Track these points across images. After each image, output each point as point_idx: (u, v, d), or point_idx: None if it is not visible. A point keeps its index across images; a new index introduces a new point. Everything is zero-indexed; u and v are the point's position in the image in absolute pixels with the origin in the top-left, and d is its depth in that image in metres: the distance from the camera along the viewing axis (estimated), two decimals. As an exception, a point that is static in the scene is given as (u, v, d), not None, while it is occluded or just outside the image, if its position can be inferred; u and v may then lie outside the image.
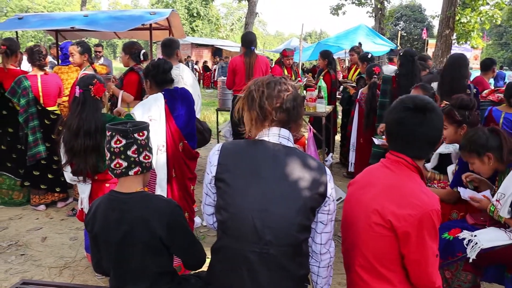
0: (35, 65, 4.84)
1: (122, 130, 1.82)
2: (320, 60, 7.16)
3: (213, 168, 1.84)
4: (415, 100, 1.82)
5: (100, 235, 1.84)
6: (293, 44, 18.50)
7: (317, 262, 1.92)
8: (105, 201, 1.89)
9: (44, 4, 51.81)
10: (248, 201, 1.74)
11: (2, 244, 4.09)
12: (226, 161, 1.82)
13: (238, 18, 54.24)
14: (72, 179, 3.23)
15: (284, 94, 1.80)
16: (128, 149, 1.82)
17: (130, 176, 1.88)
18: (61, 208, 5.05)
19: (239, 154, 1.83)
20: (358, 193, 1.93)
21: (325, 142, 6.28)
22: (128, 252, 1.80)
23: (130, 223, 1.79)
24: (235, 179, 1.78)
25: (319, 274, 1.94)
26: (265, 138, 1.82)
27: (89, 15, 6.34)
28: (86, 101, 3.06)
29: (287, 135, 1.84)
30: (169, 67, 3.30)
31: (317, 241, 1.87)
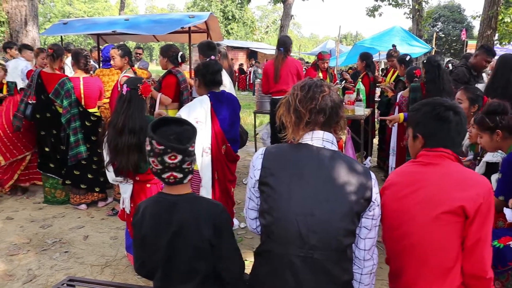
0: (80, 68, 4.97)
1: (181, 149, 1.74)
2: (359, 62, 7.09)
3: (256, 172, 1.84)
4: (447, 102, 1.92)
5: (148, 236, 1.84)
6: (329, 47, 18.37)
7: (360, 269, 1.88)
8: (153, 202, 1.89)
9: (85, 9, 53.37)
10: (292, 205, 1.73)
11: (47, 241, 4.22)
12: (269, 165, 1.82)
13: (273, 21, 54.35)
14: (115, 180, 3.29)
15: (319, 95, 1.79)
16: (184, 163, 1.77)
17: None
18: (101, 207, 5.16)
19: (283, 158, 1.82)
20: (400, 195, 1.92)
21: (363, 146, 6.19)
22: (177, 254, 1.80)
23: (179, 224, 1.79)
24: (279, 183, 1.77)
25: (361, 281, 1.91)
26: (309, 142, 1.81)
27: (130, 19, 6.49)
28: (132, 99, 3.12)
29: (331, 138, 1.83)
30: (218, 69, 3.33)
31: (360, 246, 1.85)
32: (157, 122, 1.81)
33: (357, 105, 6.07)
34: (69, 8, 52.80)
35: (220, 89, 3.42)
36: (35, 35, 9.14)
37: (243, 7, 40.89)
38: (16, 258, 3.88)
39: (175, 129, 1.79)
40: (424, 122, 1.94)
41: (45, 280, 3.50)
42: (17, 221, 4.76)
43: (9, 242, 4.20)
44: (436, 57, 4.95)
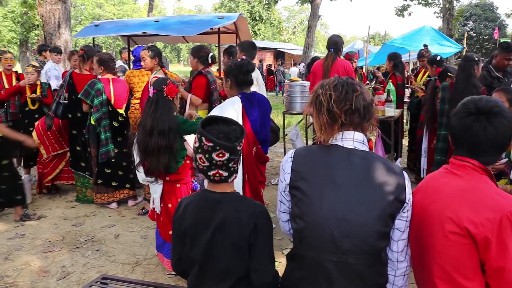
0: (108, 70, 5.07)
1: (229, 147, 1.75)
2: (387, 62, 6.99)
3: (287, 176, 1.80)
4: (478, 104, 1.72)
5: (189, 232, 1.85)
6: (357, 47, 18.17)
7: (393, 271, 1.83)
8: (196, 199, 1.90)
9: (114, 11, 54.44)
10: (324, 209, 1.69)
11: (79, 239, 4.30)
12: (300, 168, 1.77)
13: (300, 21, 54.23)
14: (145, 180, 3.33)
15: (353, 95, 1.72)
16: (230, 161, 1.79)
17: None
18: (131, 206, 5.24)
19: (313, 161, 1.78)
20: (424, 203, 1.83)
21: (393, 147, 6.10)
22: (217, 251, 1.80)
23: (221, 222, 1.78)
24: (310, 187, 1.73)
25: (394, 283, 1.85)
26: (339, 143, 1.76)
27: (160, 20, 6.57)
28: (159, 101, 3.16)
29: (362, 138, 1.76)
30: (252, 69, 3.33)
31: (394, 248, 1.79)
32: (207, 120, 1.84)
33: (388, 105, 5.98)
34: (99, 10, 53.93)
35: (251, 89, 3.42)
36: (68, 37, 9.36)
37: (270, 7, 40.89)
38: (50, 255, 3.98)
39: (224, 128, 1.80)
40: (453, 124, 1.78)
41: (78, 277, 3.57)
42: (51, 219, 4.87)
43: (44, 239, 4.31)
44: (473, 55, 4.83)
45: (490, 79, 5.27)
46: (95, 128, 5.02)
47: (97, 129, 5.00)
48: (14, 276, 3.61)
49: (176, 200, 3.32)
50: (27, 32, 25.33)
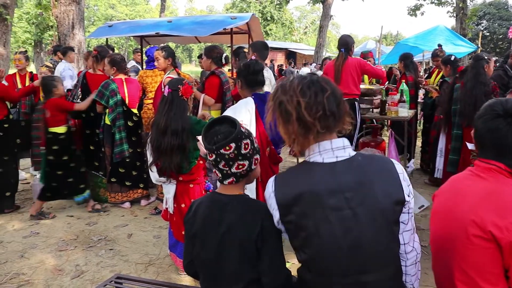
0: (121, 71, 5.11)
1: (207, 148, 1.81)
2: (399, 63, 6.99)
3: (275, 213, 1.67)
4: (505, 106, 1.69)
5: (199, 234, 1.85)
6: (369, 47, 18.05)
7: (404, 261, 1.74)
8: (206, 201, 1.90)
9: (126, 12, 54.76)
10: (324, 239, 1.57)
11: (93, 238, 4.33)
12: (285, 202, 1.63)
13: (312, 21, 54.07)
14: (158, 180, 3.34)
15: (323, 97, 1.54)
16: (218, 163, 1.80)
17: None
18: (144, 206, 5.26)
19: (296, 191, 1.60)
20: (447, 205, 1.80)
21: (406, 148, 6.05)
22: (225, 254, 1.80)
23: (229, 224, 1.78)
24: (302, 219, 1.59)
25: (407, 273, 1.77)
26: (318, 159, 1.61)
27: (173, 21, 6.59)
28: (173, 100, 3.17)
29: (341, 144, 1.61)
30: (259, 68, 3.31)
31: (400, 241, 1.71)
32: (217, 119, 1.88)
33: (401, 106, 5.92)
34: (112, 11, 54.28)
35: (264, 90, 3.41)
36: (81, 38, 9.44)
37: (281, 8, 40.82)
38: (64, 253, 4.01)
39: (225, 128, 1.81)
40: (478, 127, 1.76)
41: (92, 276, 3.60)
42: (65, 218, 4.92)
43: (58, 238, 4.34)
44: (482, 54, 4.81)
45: (506, 79, 5.24)
46: (110, 128, 5.06)
47: (112, 129, 5.03)
48: (30, 274, 3.64)
49: (189, 200, 3.33)
50: (42, 33, 25.60)
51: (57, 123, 4.83)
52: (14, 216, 4.98)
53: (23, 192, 5.88)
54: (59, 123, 4.84)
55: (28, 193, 5.78)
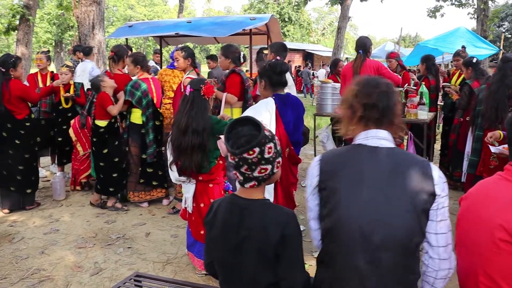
0: (144, 69, 5.14)
1: (230, 152, 1.77)
2: (420, 65, 6.88)
3: (315, 179, 1.82)
4: None
5: (218, 237, 1.85)
6: (388, 49, 17.88)
7: (434, 272, 1.77)
8: (225, 204, 1.89)
9: (145, 12, 55.36)
10: (353, 208, 1.69)
11: (111, 236, 4.38)
12: (327, 170, 1.80)
13: (330, 23, 53.87)
14: (178, 179, 3.36)
15: (375, 91, 1.77)
16: (240, 167, 1.77)
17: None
18: (163, 205, 5.29)
19: (339, 162, 1.81)
20: (474, 208, 1.78)
21: (425, 151, 5.98)
22: (244, 258, 1.78)
23: (249, 229, 1.77)
24: (339, 187, 1.74)
25: (434, 285, 1.80)
26: (363, 142, 1.79)
27: (192, 22, 6.64)
28: (195, 100, 3.19)
29: (386, 135, 1.78)
30: (286, 69, 3.32)
31: (433, 243, 1.74)
32: (239, 120, 1.83)
33: (420, 108, 5.88)
34: (131, 12, 54.92)
35: (285, 91, 3.41)
36: (101, 38, 9.55)
37: (299, 9, 40.76)
38: (83, 250, 4.06)
39: (248, 131, 1.77)
40: (508, 132, 1.75)
41: (110, 274, 3.63)
42: (84, 215, 4.98)
43: (77, 235, 4.40)
44: (511, 56, 4.71)
45: None
46: (137, 127, 5.06)
47: (143, 130, 5.04)
48: (50, 270, 3.70)
49: (208, 200, 3.34)
50: (62, 33, 26.01)
51: (101, 117, 4.98)
52: (35, 213, 5.06)
53: (43, 190, 5.96)
54: (103, 117, 4.97)
55: (48, 190, 5.86)
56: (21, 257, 3.93)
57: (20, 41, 13.43)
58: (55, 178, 5.65)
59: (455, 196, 5.58)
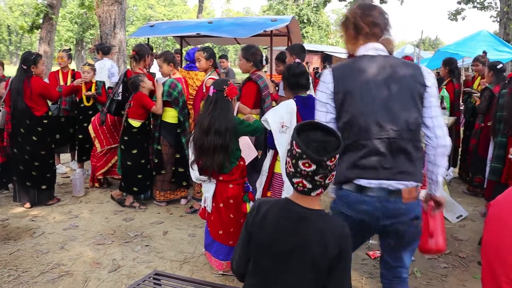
0: (176, 67, 5.18)
1: (316, 160, 1.64)
2: (442, 68, 6.77)
3: (330, 85, 2.16)
4: None
5: (266, 241, 1.78)
6: (407, 52, 17.71)
7: (433, 149, 2.17)
8: (279, 208, 1.81)
9: (165, 12, 55.77)
10: (367, 102, 2.08)
11: (129, 233, 4.42)
12: (339, 77, 2.15)
13: (348, 25, 53.40)
14: (198, 178, 3.38)
15: (375, 11, 2.18)
16: (316, 174, 1.67)
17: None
18: (181, 204, 5.32)
19: (348, 70, 2.16)
20: (501, 215, 1.75)
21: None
22: (292, 266, 1.74)
23: (304, 237, 1.72)
24: (352, 88, 2.11)
25: (435, 163, 2.19)
26: (364, 53, 2.18)
27: (214, 22, 6.66)
28: (218, 101, 3.20)
29: (382, 47, 2.20)
30: (300, 71, 3.32)
31: (429, 124, 2.14)
32: (305, 125, 1.74)
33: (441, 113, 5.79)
34: (150, 11, 55.37)
35: (307, 93, 3.40)
36: (122, 37, 9.66)
37: (318, 10, 40.61)
38: (102, 247, 4.11)
39: (321, 137, 1.70)
40: None
41: (128, 271, 3.66)
42: (102, 212, 5.03)
43: (96, 232, 4.45)
44: None
45: None
46: (171, 126, 5.07)
47: (178, 129, 5.07)
48: (69, 265, 3.75)
49: (228, 201, 3.35)
50: (83, 32, 26.39)
51: (136, 116, 4.99)
52: (55, 209, 5.14)
53: (63, 186, 6.05)
54: (137, 117, 5.00)
55: (68, 186, 5.94)
56: (41, 251, 3.99)
57: (43, 39, 13.66)
58: (74, 175, 5.73)
59: (475, 203, 5.52)
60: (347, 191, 2.13)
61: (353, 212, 2.13)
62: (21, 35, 56.64)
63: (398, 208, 2.09)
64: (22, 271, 3.64)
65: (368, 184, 2.07)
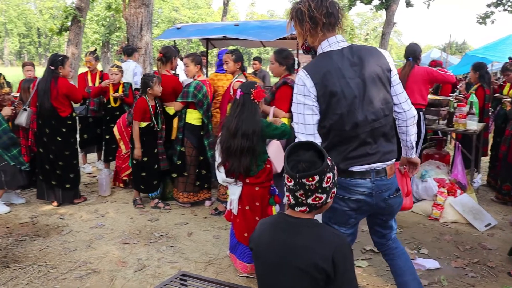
0: (201, 69, 5.22)
1: (289, 174, 1.76)
2: (472, 73, 6.65)
3: (312, 89, 2.24)
4: None
5: (259, 252, 1.83)
6: (433, 56, 17.46)
7: (404, 122, 2.46)
8: (272, 221, 1.89)
9: (189, 15, 56.28)
10: (348, 99, 2.22)
11: (154, 234, 4.46)
12: (319, 80, 2.23)
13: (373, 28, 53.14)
14: (225, 180, 3.39)
15: (327, 2, 2.24)
16: (296, 191, 1.76)
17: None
18: (206, 206, 5.35)
19: (323, 70, 2.24)
20: None
21: (474, 162, 5.79)
22: (281, 278, 1.76)
23: (292, 247, 1.74)
24: (333, 89, 2.22)
25: (408, 133, 2.50)
26: (329, 49, 2.29)
27: (240, 25, 6.70)
28: (245, 103, 3.21)
29: (342, 38, 2.32)
30: None
31: (396, 101, 2.40)
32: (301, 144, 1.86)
33: (470, 119, 5.70)
34: (175, 14, 55.99)
35: None
36: (149, 39, 9.77)
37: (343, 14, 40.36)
38: (128, 246, 4.16)
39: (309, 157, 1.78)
40: None
41: (153, 271, 3.70)
42: (128, 212, 5.10)
43: (122, 231, 4.51)
44: None
45: None
46: (194, 128, 5.09)
47: (201, 131, 5.10)
48: (96, 263, 3.81)
49: (254, 203, 3.36)
50: (110, 34, 26.83)
51: (142, 120, 5.06)
52: (82, 207, 5.23)
53: (89, 185, 6.16)
54: (143, 120, 5.06)
55: (94, 186, 6.04)
56: (69, 249, 4.07)
57: (71, 41, 13.94)
58: (101, 175, 5.82)
59: (504, 211, 5.39)
60: (341, 178, 2.29)
61: (350, 195, 2.33)
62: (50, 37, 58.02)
63: (385, 184, 2.36)
64: (51, 267, 3.72)
65: (359, 169, 2.31)
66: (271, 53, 5.44)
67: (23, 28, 62.10)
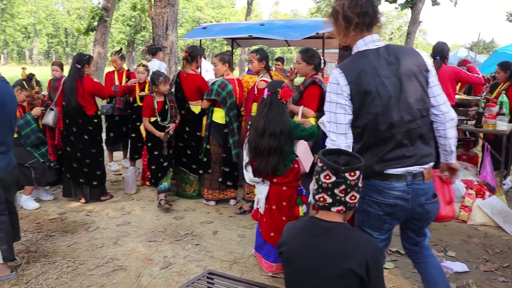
0: (231, 68, 5.24)
1: (333, 167, 1.74)
2: (500, 72, 6.48)
3: (345, 88, 2.22)
4: None
5: (291, 257, 1.81)
6: (460, 55, 17.10)
7: (442, 124, 2.36)
8: (302, 224, 1.88)
9: (213, 14, 56.57)
10: (384, 99, 2.18)
11: (180, 232, 4.49)
12: (352, 79, 2.21)
13: (398, 27, 52.44)
14: (252, 180, 3.39)
15: (362, 1, 2.21)
16: (336, 187, 1.74)
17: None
18: (231, 205, 5.36)
19: (359, 69, 2.21)
20: None
21: (503, 164, 5.65)
22: (313, 282, 1.74)
23: (326, 252, 1.72)
24: (367, 88, 2.18)
25: (446, 136, 2.38)
26: (365, 48, 2.26)
27: (265, 24, 6.69)
28: (272, 103, 3.20)
29: (378, 37, 2.28)
30: None
31: (434, 103, 2.32)
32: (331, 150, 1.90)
33: (500, 119, 5.56)
34: (199, 13, 56.33)
35: None
36: (174, 38, 9.85)
37: (367, 12, 39.99)
38: (153, 244, 4.20)
39: (344, 159, 1.80)
40: None
41: (179, 269, 3.72)
42: (153, 210, 5.15)
43: (147, 229, 4.56)
44: None
45: None
46: (219, 126, 5.13)
47: (226, 129, 5.12)
48: (123, 260, 3.86)
49: (281, 203, 3.34)
50: (135, 33, 27.19)
51: (151, 115, 5.19)
52: (108, 205, 5.30)
53: (116, 183, 6.24)
54: (152, 115, 5.18)
55: (120, 184, 6.12)
56: (96, 245, 4.13)
57: (98, 41, 14.17)
58: (127, 173, 5.89)
59: (536, 214, 5.24)
60: (376, 181, 2.27)
61: (384, 199, 2.27)
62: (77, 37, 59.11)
63: (423, 188, 2.29)
64: (79, 263, 3.78)
65: (395, 172, 2.25)
66: (294, 52, 5.42)
67: (51, 29, 63.61)
